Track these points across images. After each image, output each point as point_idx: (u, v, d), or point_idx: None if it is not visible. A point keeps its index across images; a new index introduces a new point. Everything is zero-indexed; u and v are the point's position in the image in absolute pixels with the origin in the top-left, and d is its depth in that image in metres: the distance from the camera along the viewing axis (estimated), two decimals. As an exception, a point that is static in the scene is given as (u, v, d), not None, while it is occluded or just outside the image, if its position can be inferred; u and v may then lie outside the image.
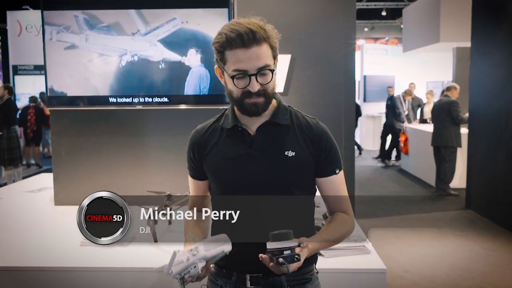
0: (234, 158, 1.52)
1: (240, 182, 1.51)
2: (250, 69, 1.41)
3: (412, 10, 10.16)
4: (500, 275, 4.24)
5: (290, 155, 1.50)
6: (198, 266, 1.38)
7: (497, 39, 5.85)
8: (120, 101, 3.17)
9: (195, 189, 1.65)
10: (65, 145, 3.43)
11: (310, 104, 4.44)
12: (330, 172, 1.55)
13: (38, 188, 4.06)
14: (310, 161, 1.53)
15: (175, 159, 3.37)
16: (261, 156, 1.51)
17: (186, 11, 3.04)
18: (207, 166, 1.57)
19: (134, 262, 2.23)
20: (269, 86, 1.46)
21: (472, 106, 6.70)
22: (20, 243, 2.61)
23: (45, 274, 2.22)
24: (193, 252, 1.38)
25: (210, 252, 1.39)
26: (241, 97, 1.46)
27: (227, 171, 1.53)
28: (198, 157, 1.59)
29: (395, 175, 9.46)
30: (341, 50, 4.55)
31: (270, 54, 1.44)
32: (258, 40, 1.40)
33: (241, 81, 1.43)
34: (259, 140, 1.52)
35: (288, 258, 1.31)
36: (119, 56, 3.16)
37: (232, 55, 1.42)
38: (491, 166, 6.03)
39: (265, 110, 1.49)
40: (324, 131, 1.56)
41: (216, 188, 1.58)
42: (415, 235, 5.45)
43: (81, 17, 3.11)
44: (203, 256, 1.38)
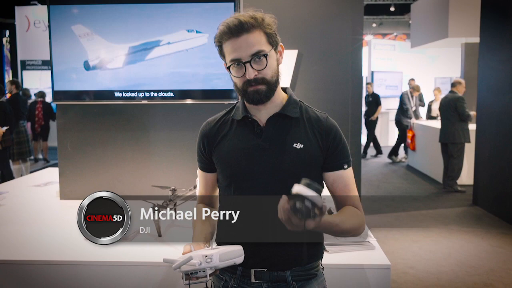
0: (243, 148, 1.53)
1: (247, 172, 1.51)
2: (243, 56, 1.44)
3: (421, 5, 10.09)
4: (507, 272, 4.21)
5: (299, 147, 1.51)
6: (207, 272, 1.38)
7: (505, 35, 5.79)
8: (126, 95, 3.17)
9: (203, 181, 1.66)
10: (70, 139, 3.44)
11: (316, 100, 4.42)
12: (338, 167, 1.54)
13: (45, 182, 4.08)
14: (318, 154, 1.53)
15: (181, 154, 3.38)
16: (270, 147, 1.51)
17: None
18: (216, 157, 1.58)
19: (139, 257, 2.23)
20: (267, 73, 1.46)
21: (480, 102, 6.66)
22: (25, 237, 2.62)
23: (50, 268, 2.23)
24: (207, 259, 1.37)
25: (223, 263, 1.40)
26: (243, 87, 1.48)
27: (235, 161, 1.53)
28: (208, 148, 1.60)
29: (402, 172, 9.42)
30: (348, 45, 4.52)
31: (264, 40, 1.46)
32: (247, 29, 1.43)
33: (238, 70, 1.46)
34: (268, 131, 1.53)
35: (306, 208, 1.23)
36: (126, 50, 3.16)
37: (226, 47, 1.47)
38: (499, 162, 5.99)
39: (268, 98, 1.49)
40: (333, 125, 1.56)
41: (223, 179, 1.58)
42: (421, 232, 5.43)
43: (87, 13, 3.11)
44: (215, 265, 1.38)
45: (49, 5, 3.17)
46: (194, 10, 3.07)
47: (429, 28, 9.26)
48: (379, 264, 2.10)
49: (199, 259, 1.37)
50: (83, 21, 3.12)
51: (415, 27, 10.51)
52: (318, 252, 1.59)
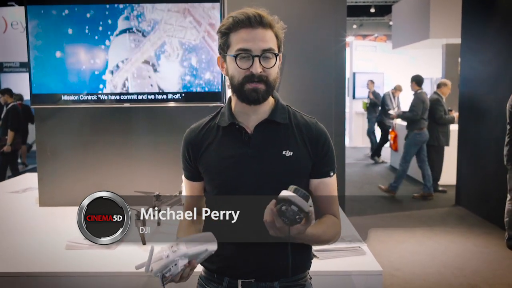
0: (231, 157, 1.48)
1: (236, 181, 1.47)
2: (255, 49, 1.40)
3: (402, 6, 10.16)
4: (493, 273, 4.23)
5: (288, 155, 1.47)
6: (178, 264, 1.32)
7: (487, 36, 5.85)
8: (108, 98, 3.09)
9: (190, 190, 1.60)
10: (50, 144, 3.34)
11: (300, 101, 4.39)
12: (324, 174, 1.52)
13: (23, 188, 3.96)
14: (307, 161, 1.49)
15: (165, 158, 3.30)
16: (258, 155, 1.47)
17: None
18: (203, 166, 1.53)
19: (122, 266, 2.15)
20: (271, 73, 1.43)
21: (462, 103, 6.71)
22: (2, 247, 2.52)
23: (29, 279, 2.14)
24: (173, 248, 1.32)
25: (191, 249, 1.34)
26: (242, 81, 1.42)
27: (223, 171, 1.48)
28: (193, 157, 1.54)
29: (385, 172, 9.46)
30: (331, 47, 4.51)
31: (275, 41, 1.44)
32: (265, 24, 1.42)
33: (244, 61, 1.41)
34: (256, 139, 1.48)
35: (291, 213, 1.23)
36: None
37: (237, 35, 1.42)
38: (481, 162, 6.03)
39: (265, 99, 1.45)
40: (323, 132, 1.53)
41: (211, 189, 1.53)
42: (406, 233, 5.44)
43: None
44: (183, 253, 1.32)
45: (27, 5, 3.07)
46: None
47: (411, 29, 9.33)
48: (371, 270, 2.06)
49: (166, 251, 1.32)
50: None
51: (397, 28, 10.58)
52: (306, 263, 1.56)
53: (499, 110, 5.19)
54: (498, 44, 5.57)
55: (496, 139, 5.41)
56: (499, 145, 5.14)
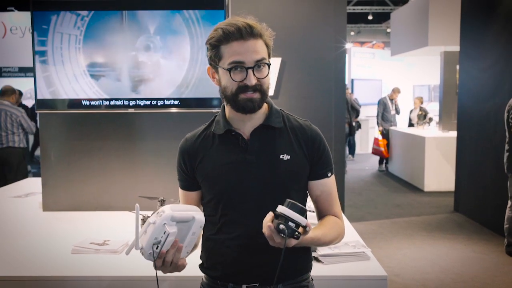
0: (229, 164, 1.48)
1: (236, 188, 1.48)
2: (248, 61, 1.39)
3: (401, 14, 10.22)
4: (491, 279, 4.25)
5: (286, 159, 1.48)
6: (167, 229, 1.27)
7: (485, 43, 5.89)
8: (112, 104, 3.10)
9: (186, 201, 1.59)
10: (54, 149, 3.35)
11: (300, 107, 4.43)
12: (322, 175, 1.54)
13: (26, 193, 3.96)
14: (305, 163, 1.51)
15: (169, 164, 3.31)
16: (257, 160, 1.48)
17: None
18: (200, 175, 1.53)
19: (128, 271, 2.17)
20: (265, 82, 1.44)
21: (460, 110, 6.75)
22: (7, 251, 2.52)
23: (35, 283, 2.15)
24: (159, 213, 1.28)
25: (178, 213, 1.30)
26: (236, 92, 1.42)
27: (222, 178, 1.49)
28: (189, 166, 1.54)
29: (384, 178, 9.49)
30: (331, 53, 4.54)
31: (265, 50, 1.44)
32: (255, 35, 1.40)
33: (238, 74, 1.40)
34: (253, 144, 1.49)
35: (290, 230, 1.25)
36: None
37: (229, 48, 1.40)
38: (480, 169, 6.07)
39: (260, 107, 1.46)
40: (317, 133, 1.55)
41: (210, 197, 1.53)
42: (405, 239, 5.46)
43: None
44: (169, 215, 1.28)
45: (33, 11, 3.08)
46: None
47: (409, 36, 9.38)
48: (375, 275, 2.08)
49: (151, 219, 1.28)
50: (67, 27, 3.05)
51: (395, 36, 10.63)
52: (307, 264, 1.58)
53: (498, 117, 5.23)
54: (496, 52, 5.61)
55: (495, 146, 5.45)
56: (497, 152, 5.18)
